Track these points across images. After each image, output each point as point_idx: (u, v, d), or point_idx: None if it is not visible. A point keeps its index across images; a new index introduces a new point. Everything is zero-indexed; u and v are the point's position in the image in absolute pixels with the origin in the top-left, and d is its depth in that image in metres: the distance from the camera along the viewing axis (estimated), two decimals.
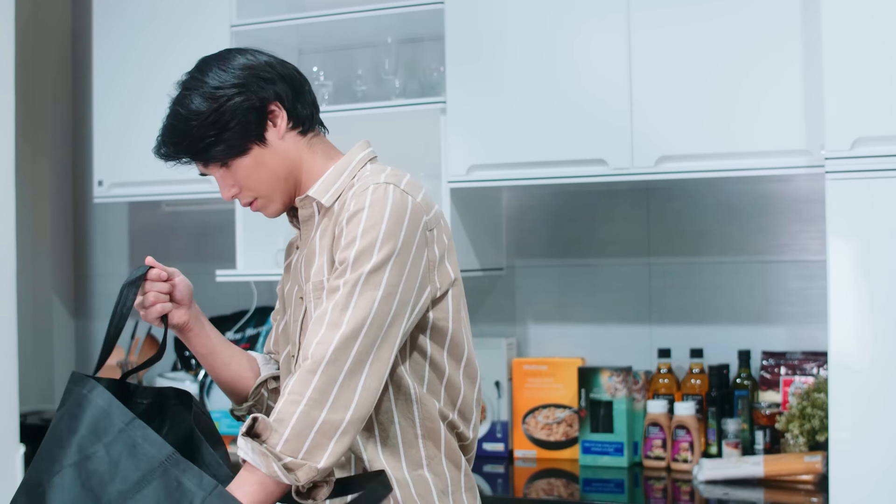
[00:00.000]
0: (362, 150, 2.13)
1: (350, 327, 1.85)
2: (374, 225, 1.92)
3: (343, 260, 1.91)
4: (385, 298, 1.88)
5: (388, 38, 3.70)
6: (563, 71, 3.30)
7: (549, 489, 3.32)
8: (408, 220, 1.94)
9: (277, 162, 2.07)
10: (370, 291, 1.88)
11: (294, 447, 1.80)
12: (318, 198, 2.06)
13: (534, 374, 3.61)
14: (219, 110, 2.02)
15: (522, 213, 3.79)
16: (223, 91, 2.03)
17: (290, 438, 1.80)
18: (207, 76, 2.05)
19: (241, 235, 3.72)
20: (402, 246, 1.92)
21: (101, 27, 3.99)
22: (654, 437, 3.39)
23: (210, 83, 2.04)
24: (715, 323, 3.55)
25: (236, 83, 2.04)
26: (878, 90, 2.76)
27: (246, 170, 2.05)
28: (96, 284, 4.49)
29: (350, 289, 1.88)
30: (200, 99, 2.03)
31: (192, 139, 2.03)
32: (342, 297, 1.88)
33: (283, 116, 2.06)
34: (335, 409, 1.82)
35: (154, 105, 3.93)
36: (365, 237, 1.91)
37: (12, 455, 3.32)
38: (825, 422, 3.03)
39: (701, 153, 3.16)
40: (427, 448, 2.01)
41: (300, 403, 1.81)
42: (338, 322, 1.86)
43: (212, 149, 2.03)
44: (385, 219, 1.92)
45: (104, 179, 3.97)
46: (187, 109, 2.03)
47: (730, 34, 3.12)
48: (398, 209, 1.94)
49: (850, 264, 2.77)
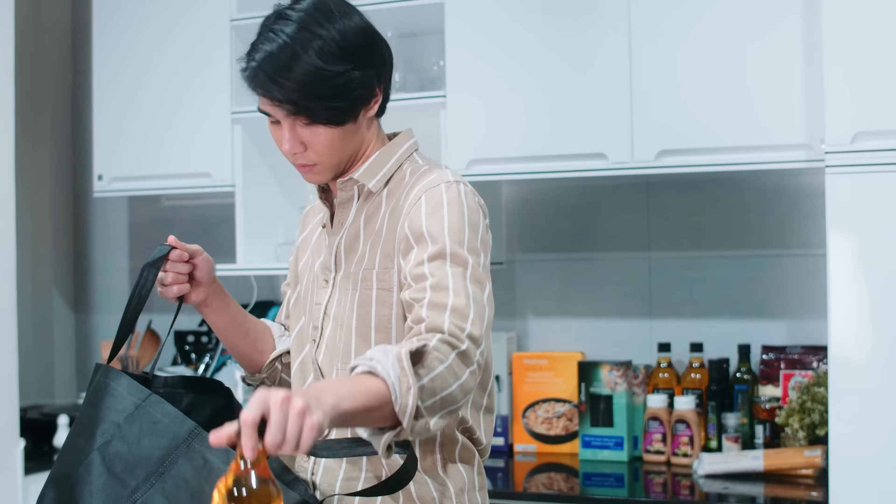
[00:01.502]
0: (409, 139, 2.09)
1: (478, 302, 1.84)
2: (458, 221, 1.90)
3: (437, 254, 1.86)
4: (489, 297, 1.89)
5: (388, 31, 3.69)
6: (563, 65, 3.30)
7: (549, 483, 3.32)
8: (481, 220, 1.95)
9: (356, 141, 2.00)
10: (477, 285, 1.87)
11: (427, 395, 1.70)
12: (365, 182, 2.01)
13: (534, 369, 3.61)
14: (349, 74, 1.91)
15: (522, 208, 3.79)
16: (356, 56, 1.92)
17: (429, 386, 1.70)
18: (336, 29, 1.91)
19: (240, 230, 3.72)
20: (480, 243, 1.93)
21: (100, 21, 3.99)
22: (654, 432, 3.39)
23: (345, 42, 1.91)
24: (715, 317, 3.55)
25: (368, 52, 1.95)
26: (878, 84, 2.75)
27: (329, 138, 1.96)
28: (96, 279, 4.49)
29: (463, 283, 1.84)
30: (328, 53, 1.89)
31: (307, 90, 1.90)
32: (460, 289, 1.83)
33: (378, 100, 2.01)
34: (461, 389, 1.76)
35: (154, 98, 3.94)
36: (454, 233, 1.89)
37: (12, 449, 3.32)
38: (825, 416, 3.03)
39: (701, 147, 3.16)
40: (442, 453, 2.00)
41: (444, 364, 1.73)
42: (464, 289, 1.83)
43: (317, 108, 1.92)
44: (466, 216, 1.91)
45: (104, 174, 3.97)
46: (314, 58, 1.89)
47: (730, 28, 3.12)
48: (475, 208, 1.94)
49: (850, 258, 2.77)
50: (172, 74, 3.83)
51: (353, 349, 1.98)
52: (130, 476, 1.79)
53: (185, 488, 1.78)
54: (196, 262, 2.06)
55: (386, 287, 1.95)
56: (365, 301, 1.97)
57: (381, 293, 1.96)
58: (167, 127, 3.85)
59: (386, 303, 1.95)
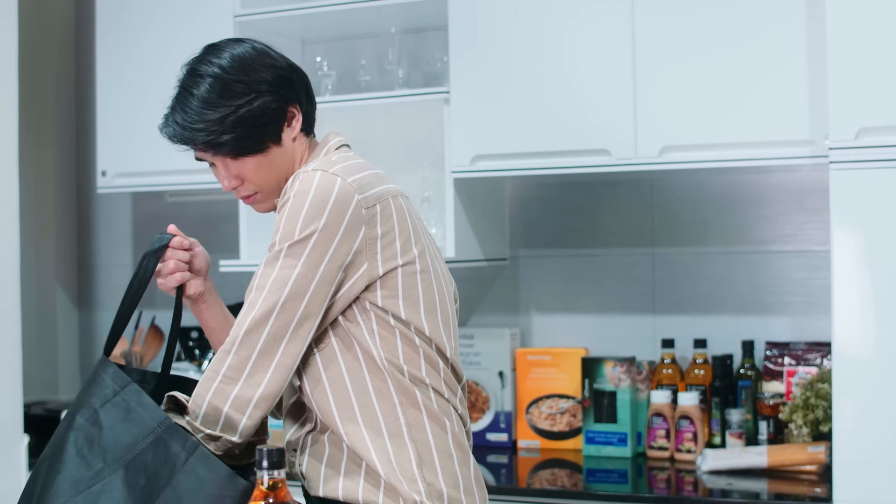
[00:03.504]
0: (325, 145, 2.16)
1: (263, 308, 1.93)
2: (296, 211, 1.95)
3: (270, 246, 1.97)
4: (301, 276, 1.93)
5: (392, 27, 3.70)
6: (566, 61, 3.30)
7: (553, 479, 3.32)
8: (333, 199, 1.96)
9: (286, 161, 2.11)
10: (286, 270, 1.93)
11: (211, 421, 1.90)
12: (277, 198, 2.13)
13: (537, 365, 3.61)
14: (249, 105, 2.03)
15: (526, 204, 3.79)
16: (255, 87, 2.04)
17: (207, 413, 1.90)
18: (233, 68, 2.05)
19: (244, 226, 3.72)
20: (325, 225, 1.95)
21: (104, 17, 3.99)
22: (658, 428, 3.39)
23: (239, 77, 2.04)
24: (719, 313, 3.55)
25: (267, 80, 2.06)
26: (882, 80, 2.75)
27: (257, 166, 2.08)
28: (100, 275, 4.50)
29: (268, 269, 1.95)
30: (229, 91, 2.04)
31: (214, 130, 2.03)
32: (260, 279, 1.95)
33: (298, 119, 2.11)
34: (247, 385, 1.91)
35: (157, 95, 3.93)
36: (287, 223, 1.95)
37: (17, 445, 3.33)
38: (829, 412, 3.03)
39: (705, 143, 3.16)
40: (407, 415, 2.01)
41: (215, 380, 1.91)
42: (254, 302, 1.94)
43: (233, 143, 2.04)
44: (307, 203, 1.95)
45: (108, 170, 3.97)
46: (215, 100, 2.03)
47: (734, 24, 3.11)
48: (322, 192, 1.96)
49: (853, 254, 2.77)
50: (176, 70, 3.81)
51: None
52: (97, 459, 1.87)
53: (144, 473, 1.85)
54: (195, 252, 2.17)
55: None
56: None
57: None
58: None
59: None
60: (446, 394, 2.07)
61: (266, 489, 1.58)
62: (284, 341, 1.93)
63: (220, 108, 2.03)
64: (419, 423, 2.02)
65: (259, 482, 1.58)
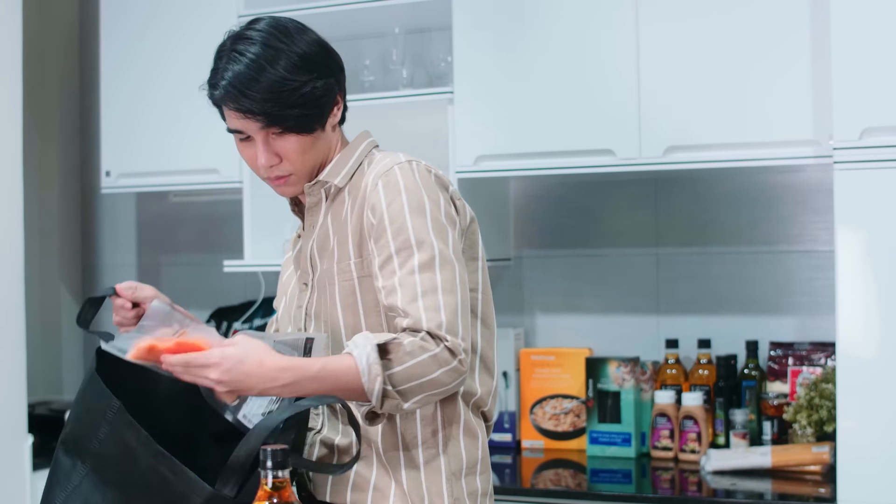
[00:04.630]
0: (366, 139, 2.16)
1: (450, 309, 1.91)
2: (418, 205, 1.95)
3: (402, 245, 1.94)
4: (461, 279, 1.94)
5: (396, 28, 3.70)
6: (571, 61, 3.30)
7: (557, 479, 3.32)
8: (441, 195, 1.99)
9: (324, 148, 2.09)
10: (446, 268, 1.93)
11: (400, 380, 1.86)
12: (330, 180, 2.07)
13: (541, 365, 3.61)
14: (313, 83, 2.00)
15: (530, 204, 3.78)
16: (317, 67, 2.02)
17: (404, 372, 1.86)
18: (296, 44, 2.01)
19: (248, 226, 3.72)
20: (446, 218, 1.97)
21: (108, 17, 3.99)
22: (662, 428, 3.39)
23: (305, 54, 2.01)
24: (723, 313, 3.54)
25: (327, 62, 2.05)
26: (886, 80, 2.75)
27: (301, 146, 2.04)
28: (104, 275, 4.50)
29: (430, 274, 1.92)
30: (292, 65, 1.99)
31: (277, 100, 1.98)
32: (427, 282, 1.91)
33: (341, 107, 2.10)
34: (446, 374, 1.89)
35: (162, 95, 3.95)
36: (415, 218, 1.94)
37: (20, 445, 3.33)
38: (833, 412, 3.03)
39: (709, 143, 3.16)
40: (445, 429, 2.03)
41: (428, 353, 1.87)
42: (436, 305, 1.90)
43: (292, 118, 2.00)
44: (425, 195, 1.97)
45: (112, 170, 3.98)
46: (281, 70, 1.98)
47: (738, 24, 3.11)
48: (431, 185, 1.99)
49: (858, 255, 2.76)
50: (180, 71, 3.83)
51: (343, 340, 2.01)
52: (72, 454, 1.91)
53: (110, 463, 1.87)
54: (143, 309, 2.10)
55: (366, 274, 2.01)
56: (348, 291, 2.02)
57: (363, 280, 2.01)
58: (175, 123, 3.85)
59: (369, 288, 2.00)
60: (488, 405, 2.10)
61: (270, 489, 1.58)
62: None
63: (292, 82, 1.98)
64: (455, 437, 2.03)
65: (263, 482, 1.58)
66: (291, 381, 1.84)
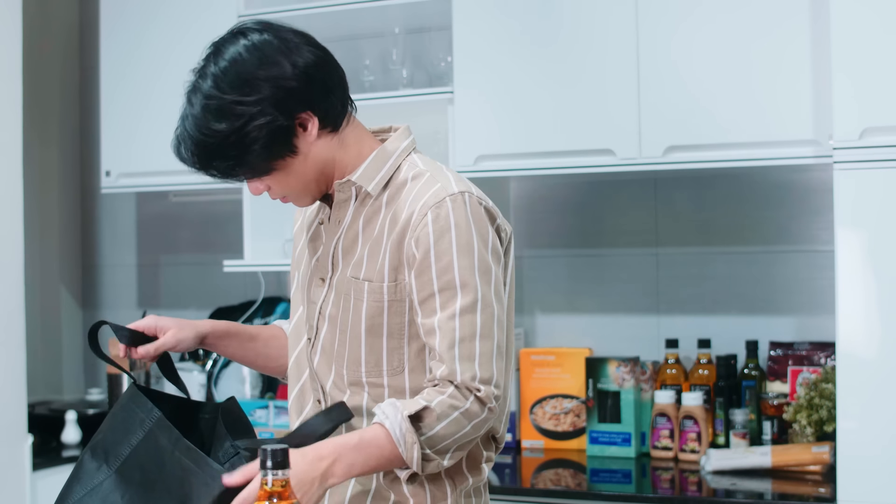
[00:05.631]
0: (406, 138, 2.05)
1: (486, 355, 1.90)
2: (466, 244, 1.90)
3: (445, 286, 1.89)
4: (499, 321, 1.92)
5: (396, 27, 3.70)
6: (571, 60, 3.30)
7: (557, 479, 3.32)
8: (490, 230, 1.94)
9: (308, 167, 1.97)
10: (486, 312, 1.90)
11: (435, 442, 1.87)
12: (363, 184, 1.98)
13: (541, 365, 3.61)
14: (241, 130, 1.88)
15: (530, 204, 3.78)
16: (243, 109, 1.88)
17: (437, 435, 1.86)
18: (225, 84, 1.90)
19: (248, 226, 3.72)
20: (492, 256, 1.93)
21: (108, 17, 3.99)
22: (662, 428, 3.39)
23: (227, 97, 1.88)
24: (723, 313, 3.54)
25: (259, 98, 1.88)
26: (886, 80, 2.75)
27: (275, 178, 1.97)
28: (104, 275, 4.50)
29: (470, 318, 1.89)
30: (218, 115, 1.88)
31: (214, 157, 1.92)
32: (466, 327, 1.88)
33: (314, 122, 1.94)
34: (475, 427, 1.90)
35: (161, 95, 3.95)
36: (463, 258, 1.89)
37: (21, 445, 3.33)
38: (833, 412, 3.03)
39: (709, 143, 3.16)
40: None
41: (458, 410, 1.87)
42: (472, 354, 1.89)
43: (235, 169, 1.94)
44: (475, 237, 1.91)
45: (112, 170, 3.98)
46: (206, 127, 1.90)
47: (738, 24, 3.11)
48: (481, 219, 1.94)
49: (858, 254, 2.76)
50: (180, 70, 3.78)
51: (363, 357, 1.99)
52: (101, 459, 1.94)
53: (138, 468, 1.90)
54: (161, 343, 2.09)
55: (398, 298, 1.95)
56: (376, 312, 1.96)
57: (394, 304, 1.95)
58: (175, 123, 3.84)
59: (398, 312, 1.96)
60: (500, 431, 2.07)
61: (270, 489, 1.58)
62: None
63: (209, 135, 1.90)
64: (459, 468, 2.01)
65: (263, 482, 1.58)
66: (336, 456, 1.81)
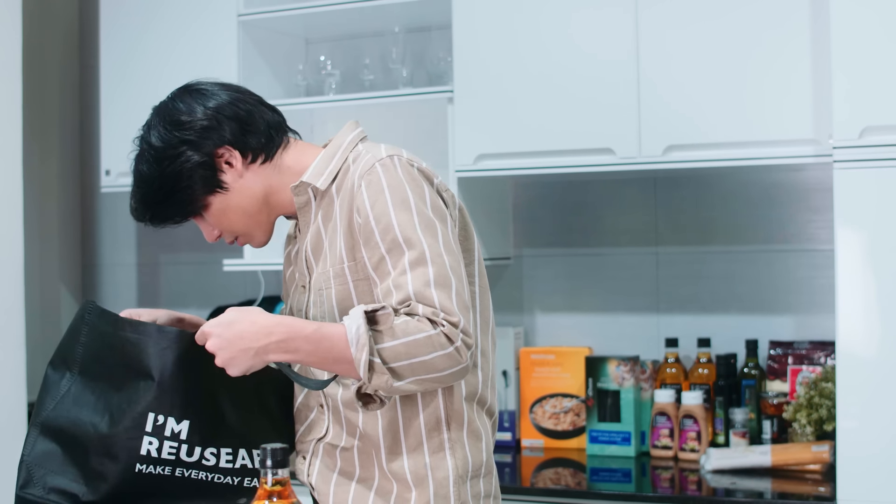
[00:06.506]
0: (352, 131, 2.10)
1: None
2: (401, 201, 1.92)
3: (391, 245, 1.90)
4: (454, 271, 1.90)
5: (396, 27, 3.70)
6: (570, 60, 3.30)
7: (557, 478, 3.32)
8: (426, 188, 1.96)
9: (244, 200, 2.06)
10: (437, 263, 1.89)
11: (390, 356, 1.82)
12: (312, 182, 2.03)
13: (541, 364, 3.61)
14: (164, 174, 2.02)
15: (530, 203, 3.78)
16: (166, 152, 2.02)
17: (395, 348, 1.82)
18: (151, 136, 2.05)
19: None
20: (433, 212, 1.94)
21: (108, 16, 3.99)
22: (662, 427, 3.39)
23: (154, 144, 2.03)
24: (722, 312, 3.54)
25: (178, 141, 2.02)
26: (886, 79, 2.75)
27: (215, 217, 2.06)
28: (104, 274, 4.50)
29: (422, 269, 1.88)
30: (146, 163, 2.04)
31: (149, 203, 2.05)
32: (419, 278, 1.87)
33: (236, 156, 2.03)
34: (442, 359, 1.84)
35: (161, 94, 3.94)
36: (401, 215, 1.90)
37: (21, 445, 3.33)
38: (833, 411, 3.03)
39: (709, 142, 3.16)
40: (451, 430, 2.01)
41: (423, 333, 1.82)
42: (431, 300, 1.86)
43: (169, 210, 2.05)
44: (408, 189, 1.93)
45: (112, 169, 3.98)
46: (139, 175, 2.06)
47: (738, 22, 3.11)
48: (414, 178, 1.96)
49: (858, 254, 2.76)
50: (180, 69, 3.81)
51: None
52: (60, 367, 2.04)
53: (93, 360, 2.01)
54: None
55: (361, 277, 1.98)
56: (344, 295, 1.99)
57: (359, 283, 1.98)
58: None
59: (366, 291, 1.98)
60: (489, 399, 2.08)
61: (269, 488, 1.58)
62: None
63: (141, 182, 2.05)
64: (460, 440, 2.02)
65: (263, 481, 1.58)
66: (285, 338, 1.85)
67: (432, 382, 1.86)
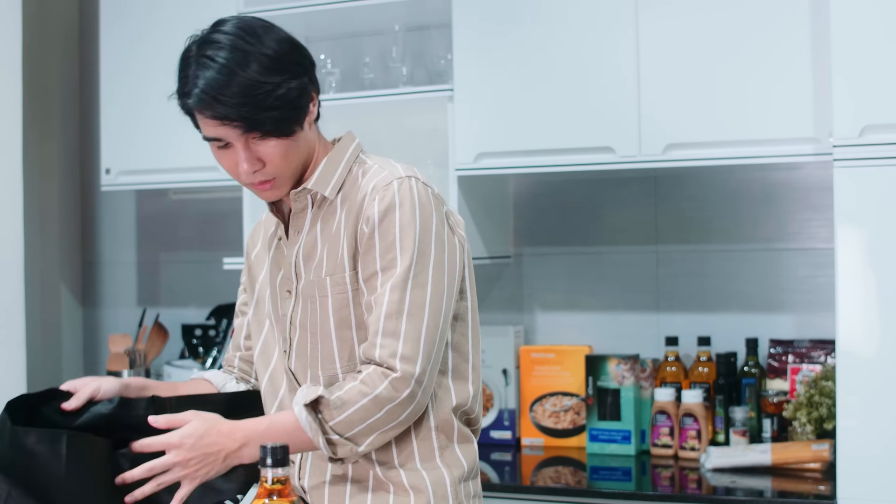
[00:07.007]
0: (353, 141, 2.12)
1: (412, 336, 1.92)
2: (408, 223, 1.94)
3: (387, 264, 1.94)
4: (432, 304, 1.94)
5: (396, 25, 3.70)
6: (570, 58, 3.30)
7: (557, 477, 3.32)
8: (434, 213, 1.97)
9: (305, 148, 2.04)
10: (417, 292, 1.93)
11: (344, 428, 1.90)
12: (319, 190, 2.04)
13: (541, 362, 3.61)
14: (287, 84, 1.96)
15: (530, 201, 3.78)
16: (289, 67, 1.97)
17: (345, 420, 1.90)
18: (265, 44, 1.96)
19: (248, 223, 3.72)
20: (435, 240, 1.96)
21: (108, 14, 3.99)
22: (662, 425, 3.39)
23: (276, 55, 1.96)
24: (723, 311, 3.54)
25: (298, 60, 2.01)
26: (886, 78, 2.75)
27: (284, 150, 1.99)
28: (104, 272, 4.50)
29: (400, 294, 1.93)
30: (264, 68, 1.94)
31: (254, 104, 1.93)
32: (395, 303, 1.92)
33: (316, 105, 2.06)
34: (390, 412, 1.91)
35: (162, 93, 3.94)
36: (404, 237, 1.94)
37: None
38: (833, 410, 3.03)
39: (709, 141, 3.16)
40: (439, 439, 2.02)
41: (367, 397, 1.89)
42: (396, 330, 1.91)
43: (271, 121, 1.95)
44: (418, 216, 1.95)
45: (111, 167, 3.98)
46: (253, 73, 1.93)
47: (738, 21, 3.11)
48: (426, 202, 1.97)
49: (858, 252, 2.76)
50: None
51: (336, 353, 2.02)
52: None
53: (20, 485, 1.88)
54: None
55: (359, 287, 2.00)
56: (342, 304, 2.01)
57: (357, 293, 2.00)
58: (175, 120, 3.80)
59: (362, 302, 1.99)
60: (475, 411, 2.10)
61: (269, 486, 1.58)
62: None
63: (265, 84, 1.93)
64: (451, 446, 2.04)
65: (263, 480, 1.58)
66: (246, 440, 1.90)
67: (396, 429, 1.94)
